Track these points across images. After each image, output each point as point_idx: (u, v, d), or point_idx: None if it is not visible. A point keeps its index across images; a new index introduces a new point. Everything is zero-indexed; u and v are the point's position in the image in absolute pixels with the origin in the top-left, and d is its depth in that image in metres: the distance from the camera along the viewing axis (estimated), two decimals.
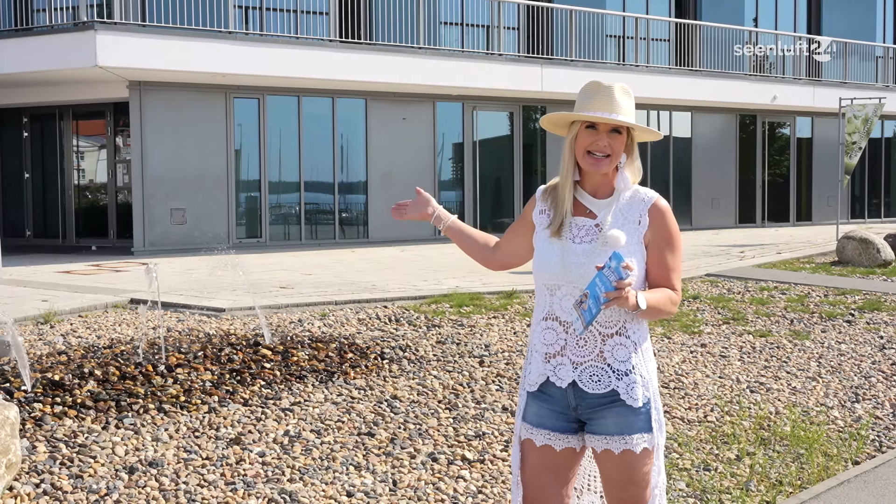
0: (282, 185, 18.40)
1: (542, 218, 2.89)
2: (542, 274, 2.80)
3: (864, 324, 8.95)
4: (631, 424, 2.71)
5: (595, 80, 2.83)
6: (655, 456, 2.78)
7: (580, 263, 2.71)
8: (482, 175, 20.48)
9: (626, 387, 2.71)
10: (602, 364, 2.72)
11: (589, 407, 2.74)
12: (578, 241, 2.76)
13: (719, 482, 4.56)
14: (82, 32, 15.08)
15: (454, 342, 7.79)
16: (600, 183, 2.82)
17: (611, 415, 2.72)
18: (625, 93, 2.76)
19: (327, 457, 4.83)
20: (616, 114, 2.72)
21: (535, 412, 2.84)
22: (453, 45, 20.64)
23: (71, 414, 5.27)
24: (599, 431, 2.74)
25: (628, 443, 2.71)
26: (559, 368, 2.76)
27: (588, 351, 2.72)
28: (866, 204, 27.17)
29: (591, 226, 2.78)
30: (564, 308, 2.74)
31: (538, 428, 2.82)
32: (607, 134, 2.74)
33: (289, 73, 16.88)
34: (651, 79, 21.49)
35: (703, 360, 7.34)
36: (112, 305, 9.90)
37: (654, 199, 2.79)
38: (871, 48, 27.10)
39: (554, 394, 2.79)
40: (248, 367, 6.37)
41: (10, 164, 19.24)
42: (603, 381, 2.71)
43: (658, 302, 2.69)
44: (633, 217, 2.77)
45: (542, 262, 2.80)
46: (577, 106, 2.79)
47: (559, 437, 2.80)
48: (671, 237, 2.78)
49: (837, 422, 5.69)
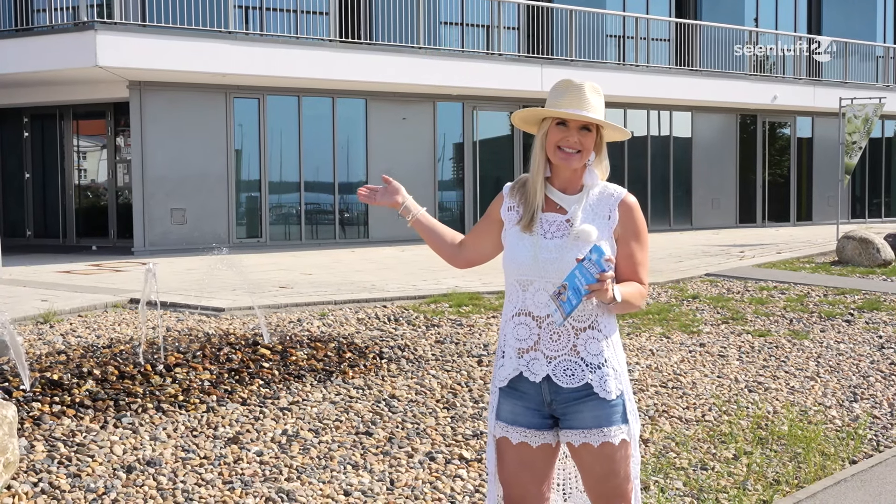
0: (282, 185, 18.41)
1: (511, 214, 2.92)
2: (514, 269, 2.82)
3: (864, 323, 8.95)
4: (608, 417, 2.74)
5: (566, 78, 2.87)
6: (633, 447, 2.81)
7: (553, 259, 2.74)
8: (482, 175, 20.49)
9: (599, 380, 2.74)
10: (575, 358, 2.74)
11: (564, 402, 2.76)
12: (550, 236, 2.79)
13: (716, 481, 4.56)
14: (82, 32, 15.09)
15: (453, 342, 7.80)
16: (569, 179, 2.86)
17: (586, 408, 2.74)
18: (595, 91, 2.80)
19: (325, 456, 4.84)
20: (586, 111, 2.76)
21: (508, 410, 2.84)
22: (453, 44, 20.65)
23: (69, 413, 5.28)
24: (576, 426, 2.75)
25: (607, 435, 2.73)
26: (532, 363, 2.77)
27: (561, 345, 2.75)
28: (867, 204, 27.16)
29: (561, 221, 2.81)
30: (537, 303, 2.76)
31: (513, 426, 2.83)
32: (577, 131, 2.78)
33: (289, 73, 16.89)
34: (651, 79, 21.50)
35: (701, 360, 7.34)
36: (112, 305, 9.91)
37: (623, 194, 2.85)
38: (871, 48, 27.09)
39: (527, 390, 2.80)
40: (246, 366, 6.37)
41: (11, 164, 19.26)
42: (577, 375, 2.74)
43: (631, 296, 2.74)
44: (602, 212, 2.82)
45: (514, 257, 2.82)
46: (548, 103, 2.83)
47: (535, 434, 2.82)
48: (639, 232, 2.84)
49: (835, 421, 5.69)
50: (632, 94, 21.05)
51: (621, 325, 8.59)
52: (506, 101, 20.36)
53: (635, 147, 22.55)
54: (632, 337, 8.21)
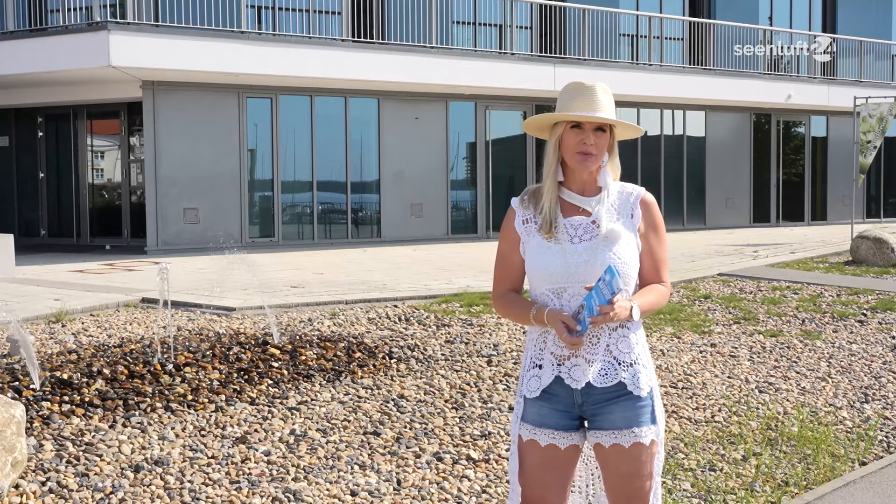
0: (295, 184, 18.44)
1: (528, 227, 2.89)
2: (545, 279, 2.79)
3: (877, 324, 8.90)
4: (638, 417, 2.74)
5: (576, 80, 2.87)
6: (659, 445, 2.81)
7: (584, 262, 2.74)
8: (495, 174, 20.47)
9: (631, 377, 2.75)
10: (609, 358, 2.76)
11: (594, 403, 2.76)
12: (577, 240, 2.78)
13: (724, 482, 4.54)
14: (96, 32, 15.15)
15: (463, 341, 7.79)
16: (586, 181, 2.86)
17: (617, 409, 2.74)
18: (605, 92, 2.82)
19: (332, 456, 4.84)
20: (600, 112, 2.77)
21: (535, 412, 2.82)
22: (466, 44, 20.64)
23: (78, 412, 5.30)
24: (607, 426, 2.75)
25: (637, 435, 2.74)
26: (574, 370, 2.76)
27: (599, 347, 2.76)
28: (882, 203, 27.00)
29: (587, 223, 2.81)
30: (574, 309, 2.74)
31: (541, 428, 2.81)
32: (593, 132, 2.78)
33: (301, 73, 16.92)
34: (665, 78, 21.43)
35: (712, 360, 7.31)
36: (124, 304, 9.95)
37: (641, 192, 2.88)
38: (886, 46, 26.93)
39: (557, 392, 2.79)
40: (255, 366, 6.38)
41: (25, 164, 19.35)
42: (610, 375, 2.74)
43: (651, 305, 2.80)
44: (625, 211, 2.84)
45: (544, 267, 2.79)
46: (559, 107, 2.83)
47: (563, 436, 2.80)
48: (659, 229, 2.88)
49: (846, 422, 5.66)
50: (645, 94, 20.99)
51: None
52: (518, 100, 20.33)
53: (649, 146, 22.48)
54: None
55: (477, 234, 20.25)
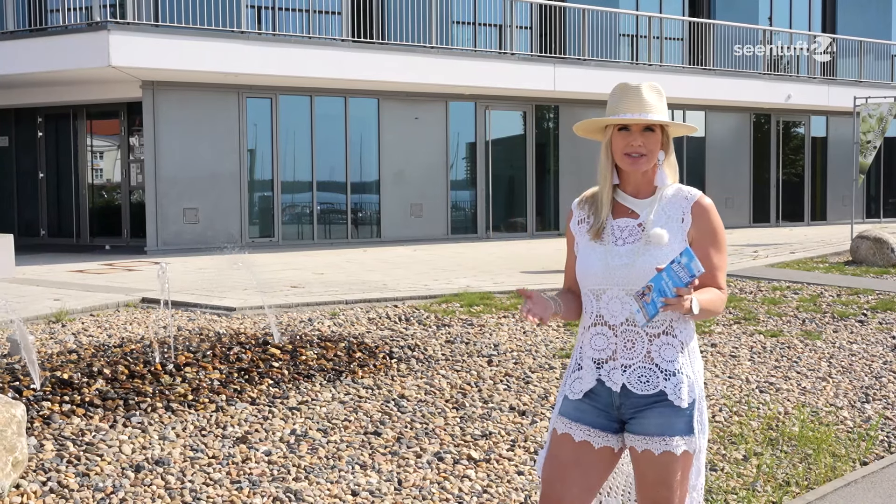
0: (294, 184, 18.44)
1: (581, 227, 2.87)
2: (586, 279, 2.78)
3: (877, 324, 8.90)
4: (672, 426, 2.68)
5: (623, 81, 2.83)
6: (696, 458, 2.75)
7: (623, 265, 2.70)
8: (495, 174, 20.47)
9: (673, 387, 2.69)
10: (650, 365, 2.70)
11: (633, 406, 2.72)
12: (622, 242, 2.75)
13: (725, 482, 4.54)
14: (96, 32, 15.15)
15: (463, 341, 7.79)
16: (641, 182, 2.81)
17: (653, 415, 2.69)
18: (654, 90, 2.77)
19: (333, 456, 4.84)
20: (645, 112, 2.72)
21: (574, 407, 2.80)
22: (466, 44, 20.64)
23: (79, 412, 5.30)
24: (639, 431, 2.71)
25: (668, 444, 2.68)
26: (612, 373, 2.74)
27: (636, 352, 2.71)
28: (882, 203, 27.01)
29: (633, 226, 2.77)
30: (612, 311, 2.73)
31: (577, 423, 2.78)
32: (640, 133, 2.74)
33: (301, 73, 16.92)
34: (664, 78, 21.40)
35: (712, 360, 7.31)
36: (124, 304, 9.95)
37: (696, 196, 2.79)
38: (886, 46, 26.94)
39: (599, 392, 2.77)
40: (256, 366, 6.38)
41: (25, 164, 19.36)
42: (651, 382, 2.69)
43: (710, 303, 2.67)
44: (675, 215, 2.77)
45: (585, 267, 2.78)
46: (608, 109, 2.79)
47: (599, 435, 2.76)
48: (716, 235, 2.77)
49: (847, 422, 5.65)
50: None
51: None
52: (518, 100, 20.34)
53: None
54: None
55: (477, 234, 20.25)
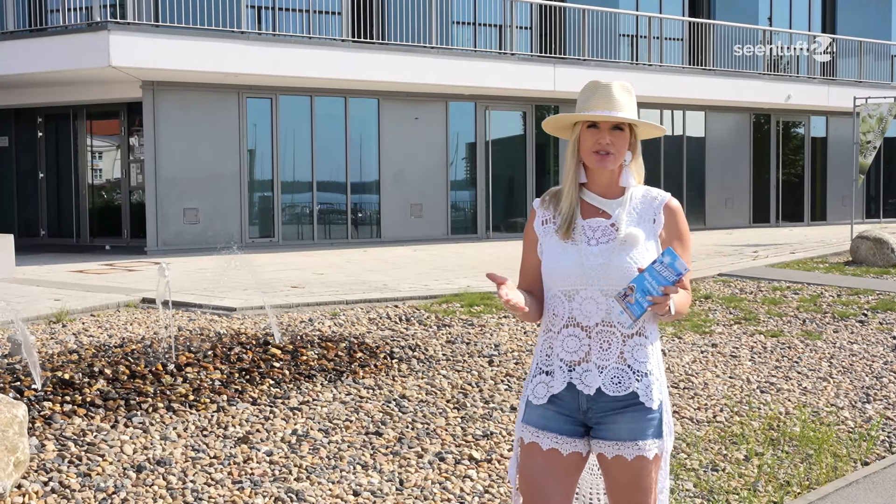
0: (294, 184, 18.43)
1: (546, 227, 2.83)
2: (559, 279, 2.73)
3: (877, 324, 8.90)
4: (643, 430, 2.67)
5: (594, 79, 2.82)
6: (664, 460, 2.74)
7: (599, 264, 2.67)
8: (495, 175, 20.46)
9: (644, 388, 2.68)
10: (623, 366, 2.68)
11: (601, 411, 2.69)
12: (595, 242, 2.72)
13: (727, 482, 4.54)
14: (96, 33, 15.14)
15: (464, 342, 7.79)
16: (608, 183, 2.79)
17: (623, 420, 2.67)
18: (624, 90, 2.75)
19: (334, 456, 4.84)
20: (616, 111, 2.70)
21: (539, 414, 2.76)
22: (466, 44, 20.64)
23: (80, 412, 5.30)
24: (610, 437, 2.68)
25: (641, 449, 2.66)
26: (585, 375, 2.69)
27: (611, 353, 2.68)
28: (881, 203, 27.01)
29: (606, 226, 2.74)
30: (585, 312, 2.69)
31: (544, 431, 2.74)
32: (609, 132, 2.72)
33: (301, 73, 16.91)
34: (664, 78, 21.43)
35: (713, 361, 7.31)
36: (124, 305, 9.94)
37: (666, 198, 2.79)
38: (885, 47, 26.93)
39: (564, 397, 2.73)
40: (257, 366, 6.38)
41: (25, 164, 19.35)
42: (623, 384, 2.67)
43: (682, 305, 2.68)
44: (647, 216, 2.76)
45: (558, 267, 2.73)
46: (578, 106, 2.78)
47: (567, 441, 2.73)
48: (684, 236, 2.79)
49: (847, 422, 5.66)
50: (645, 94, 20.95)
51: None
52: (518, 100, 20.34)
53: (648, 147, 22.32)
54: None
55: (477, 234, 20.24)
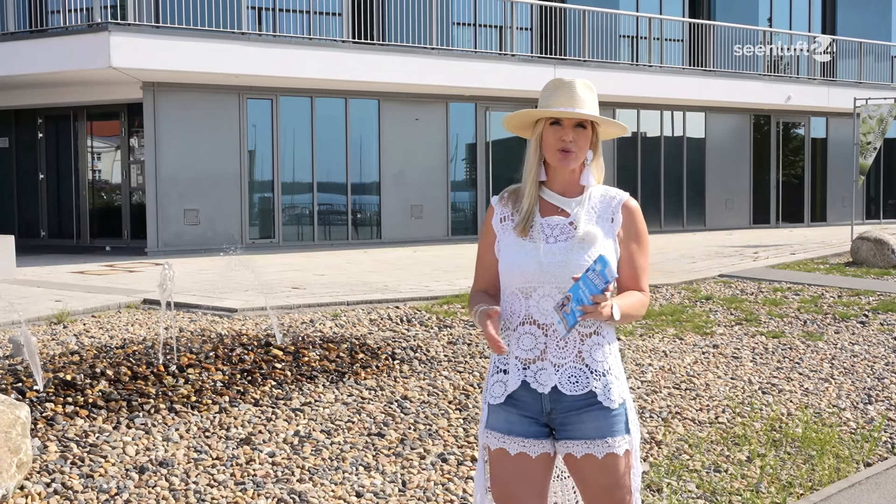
0: (295, 185, 18.43)
1: (504, 224, 2.80)
2: (516, 277, 2.70)
3: (878, 325, 8.90)
4: (610, 427, 2.64)
5: (557, 77, 2.80)
6: (634, 458, 2.71)
7: (558, 262, 2.65)
8: (495, 175, 20.45)
9: (603, 387, 2.65)
10: (580, 365, 2.65)
11: (564, 411, 2.66)
12: (553, 240, 2.70)
13: (729, 483, 4.54)
14: (96, 34, 15.14)
15: (465, 342, 7.79)
16: (568, 181, 2.78)
17: (588, 419, 2.64)
18: (587, 88, 2.73)
19: (337, 457, 4.84)
20: (579, 108, 2.69)
21: (503, 419, 2.71)
22: (466, 45, 20.64)
23: (82, 414, 5.29)
24: (578, 436, 2.65)
25: (611, 445, 2.64)
26: (540, 374, 2.66)
27: (568, 352, 2.65)
28: (881, 204, 27.01)
29: (564, 224, 2.73)
30: (542, 310, 2.66)
31: (509, 436, 2.69)
32: (572, 129, 2.70)
33: (302, 74, 16.91)
34: (664, 79, 21.43)
35: (714, 362, 7.31)
36: (125, 306, 9.94)
37: (625, 197, 2.78)
38: (886, 48, 26.93)
39: (524, 398, 2.69)
40: (259, 367, 6.38)
41: (25, 165, 19.34)
42: (581, 383, 2.64)
43: (631, 308, 2.66)
44: (605, 215, 2.75)
45: (516, 264, 2.70)
46: (540, 104, 2.77)
47: (533, 444, 2.69)
48: (641, 237, 2.77)
49: (850, 423, 5.66)
50: (645, 95, 21.00)
51: (634, 327, 8.57)
52: (518, 101, 20.32)
53: (648, 148, 22.50)
54: (645, 338, 8.19)
55: (477, 235, 20.20)
